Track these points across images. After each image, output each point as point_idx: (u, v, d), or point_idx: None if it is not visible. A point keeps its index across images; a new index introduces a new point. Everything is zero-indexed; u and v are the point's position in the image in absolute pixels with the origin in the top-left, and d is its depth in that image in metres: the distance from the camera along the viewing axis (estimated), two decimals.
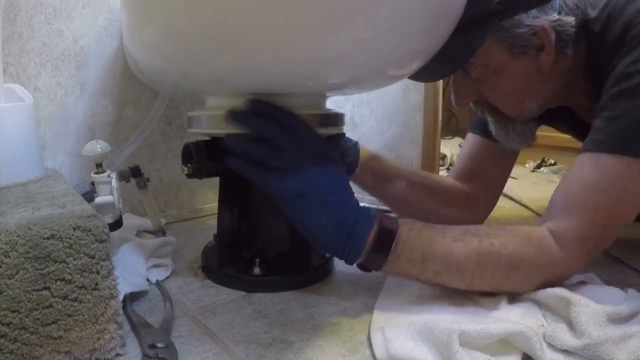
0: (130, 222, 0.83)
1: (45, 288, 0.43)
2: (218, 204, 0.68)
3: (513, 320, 0.48)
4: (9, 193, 0.57)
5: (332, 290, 0.64)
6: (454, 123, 2.10)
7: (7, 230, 0.42)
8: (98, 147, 0.65)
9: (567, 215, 0.54)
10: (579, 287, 0.55)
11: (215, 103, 0.64)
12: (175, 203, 1.01)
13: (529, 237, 0.54)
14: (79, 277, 0.44)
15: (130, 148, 0.77)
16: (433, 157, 1.01)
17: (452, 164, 1.58)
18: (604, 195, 0.53)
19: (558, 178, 1.54)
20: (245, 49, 0.48)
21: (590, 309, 0.47)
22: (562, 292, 0.52)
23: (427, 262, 0.54)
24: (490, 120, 0.72)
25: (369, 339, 0.50)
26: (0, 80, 0.64)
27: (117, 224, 0.65)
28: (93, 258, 0.45)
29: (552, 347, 0.47)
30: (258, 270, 0.65)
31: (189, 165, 0.64)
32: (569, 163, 0.56)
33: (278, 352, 0.49)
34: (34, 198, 0.54)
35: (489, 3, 0.57)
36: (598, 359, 0.44)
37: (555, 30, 0.59)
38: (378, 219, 0.54)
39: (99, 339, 0.45)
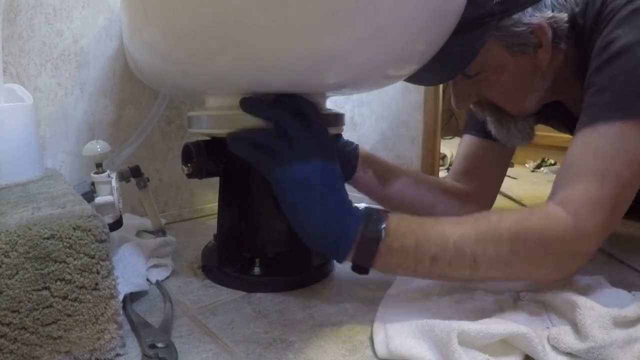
0: (130, 222, 0.83)
1: (45, 288, 0.43)
2: (218, 204, 0.68)
3: (517, 322, 0.48)
4: (9, 193, 0.57)
5: (332, 290, 0.64)
6: (454, 123, 2.10)
7: (7, 230, 0.42)
8: (98, 147, 0.65)
9: (572, 184, 0.51)
10: (586, 289, 0.55)
11: (215, 103, 0.64)
12: (175, 203, 1.01)
13: (530, 210, 0.51)
14: (79, 277, 0.44)
15: (130, 148, 0.77)
16: (433, 157, 1.01)
17: (452, 164, 1.58)
18: (606, 158, 0.50)
19: None
20: (245, 49, 0.48)
21: (596, 312, 0.47)
22: (568, 294, 0.51)
23: (421, 247, 0.51)
24: (490, 120, 0.72)
25: (370, 339, 0.51)
26: (1, 80, 0.64)
27: (117, 224, 0.65)
28: (93, 258, 0.45)
29: (555, 349, 0.46)
30: (258, 270, 0.65)
31: (189, 165, 0.64)
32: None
33: (278, 352, 0.49)
34: (34, 198, 0.54)
35: (488, 3, 0.58)
36: None
37: (552, 27, 0.60)
38: (366, 212, 0.54)
39: (99, 339, 0.45)
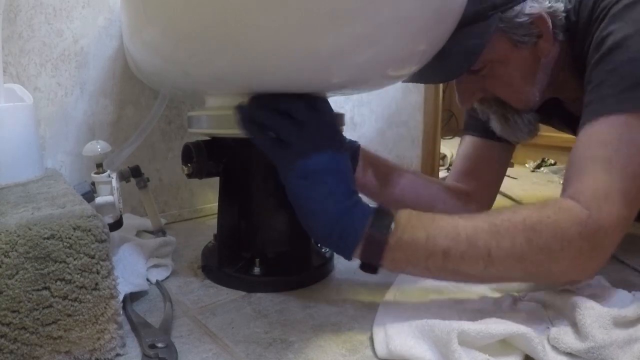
0: (130, 222, 0.83)
1: (45, 288, 0.43)
2: (218, 204, 0.68)
3: (517, 322, 0.48)
4: (9, 193, 0.57)
5: (332, 290, 0.64)
6: (454, 123, 2.10)
7: (7, 230, 0.42)
8: (98, 147, 0.65)
9: (580, 177, 0.50)
10: (586, 289, 0.55)
11: (215, 103, 0.64)
12: (175, 203, 1.01)
13: (544, 203, 0.50)
14: (79, 277, 0.44)
15: (130, 148, 0.77)
16: (433, 157, 1.01)
17: (452, 164, 1.58)
18: (611, 149, 0.50)
19: (558, 178, 1.54)
20: (245, 49, 0.48)
21: (596, 312, 0.47)
22: (567, 294, 0.51)
23: (432, 240, 0.49)
24: (495, 118, 0.72)
25: (370, 339, 0.50)
26: (1, 80, 0.64)
27: (117, 224, 0.65)
28: (93, 258, 0.45)
29: (555, 349, 0.46)
30: (258, 270, 0.65)
31: (189, 165, 0.64)
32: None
33: (278, 352, 0.49)
34: (34, 198, 0.54)
35: None
36: None
37: (550, 17, 0.61)
38: (376, 207, 0.53)
39: (99, 339, 0.45)
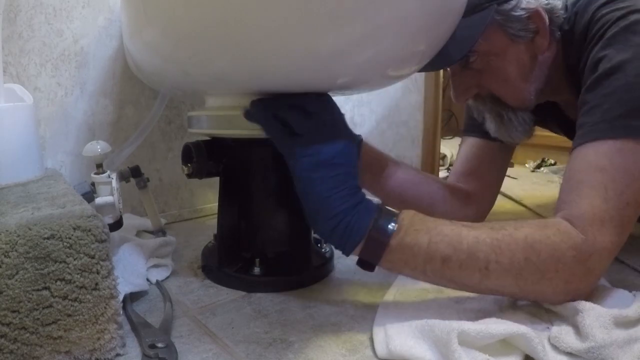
0: (130, 222, 0.83)
1: (45, 288, 0.43)
2: (218, 204, 0.68)
3: (517, 322, 0.47)
4: (9, 193, 0.57)
5: (332, 290, 0.64)
6: (454, 123, 2.10)
7: (7, 230, 0.42)
8: (98, 147, 0.65)
9: (576, 200, 0.51)
10: None
11: (215, 103, 0.64)
12: (175, 203, 1.01)
13: (544, 223, 0.51)
14: (79, 277, 0.44)
15: (130, 148, 0.77)
16: (433, 157, 1.01)
17: (452, 164, 1.58)
18: (607, 175, 0.50)
19: (558, 178, 1.54)
20: (246, 49, 0.48)
21: (596, 312, 0.47)
22: None
23: (434, 245, 0.49)
24: (490, 117, 0.72)
25: (370, 339, 0.50)
26: (1, 80, 0.64)
27: (117, 225, 0.65)
28: (93, 258, 0.45)
29: (556, 349, 0.46)
30: (258, 270, 0.65)
31: (189, 165, 0.64)
32: (567, 161, 0.55)
33: (278, 352, 0.49)
34: (34, 198, 0.54)
35: None
36: None
37: (547, 14, 0.62)
38: (378, 204, 0.54)
39: (99, 339, 0.45)
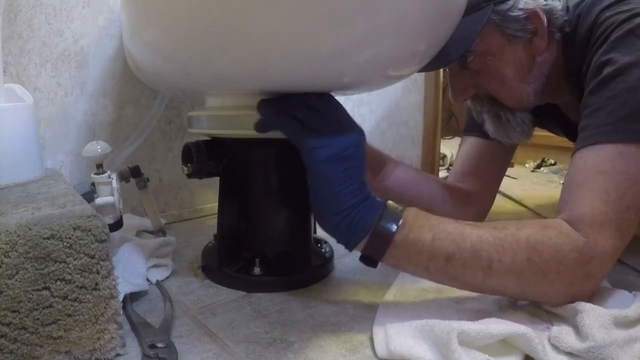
0: (130, 222, 0.83)
1: (45, 288, 0.43)
2: (218, 204, 0.68)
3: (517, 322, 0.47)
4: (9, 193, 0.57)
5: (332, 290, 0.64)
6: (454, 123, 2.10)
7: (7, 230, 0.42)
8: (98, 147, 0.65)
9: (578, 202, 0.51)
10: None
11: (215, 103, 0.64)
12: (175, 203, 1.01)
13: (545, 224, 0.51)
14: (79, 277, 0.44)
15: (130, 148, 0.77)
16: (433, 157, 1.01)
17: (452, 164, 1.58)
18: (610, 178, 0.50)
19: (558, 178, 1.54)
20: (246, 49, 0.48)
21: (596, 312, 0.47)
22: None
23: (438, 243, 0.49)
24: (488, 118, 0.72)
25: (370, 339, 0.50)
26: (1, 80, 0.64)
27: (117, 225, 0.65)
28: (93, 258, 0.45)
29: (556, 349, 0.46)
30: (258, 270, 0.65)
31: (189, 165, 0.64)
32: (569, 163, 0.56)
33: (278, 352, 0.49)
34: (34, 198, 0.54)
35: None
36: None
37: (546, 15, 0.62)
38: (384, 202, 0.54)
39: (99, 339, 0.45)
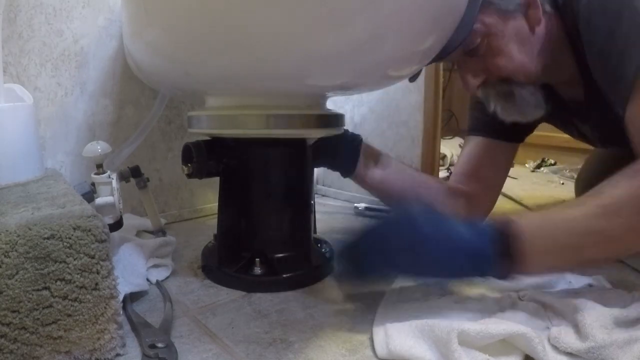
0: (130, 222, 0.83)
1: (45, 288, 0.43)
2: (218, 204, 0.68)
3: (517, 322, 0.47)
4: (9, 193, 0.57)
5: (332, 290, 0.64)
6: (454, 123, 2.10)
7: (7, 230, 0.42)
8: (98, 148, 0.65)
9: None
10: (587, 290, 0.55)
11: (216, 103, 0.64)
12: (175, 203, 1.01)
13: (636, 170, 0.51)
14: (79, 277, 0.44)
15: (130, 148, 0.77)
16: (433, 157, 1.01)
17: (452, 164, 1.58)
18: None
19: (558, 178, 1.54)
20: (246, 49, 0.48)
21: (597, 312, 0.47)
22: (568, 295, 0.51)
23: (562, 239, 0.50)
24: (499, 101, 0.70)
25: (370, 339, 0.50)
26: (1, 80, 0.64)
27: (117, 225, 0.65)
28: (93, 258, 0.45)
29: (555, 349, 0.46)
30: (258, 270, 0.65)
31: (189, 165, 0.64)
32: (569, 163, 0.56)
33: (278, 352, 0.49)
34: (34, 198, 0.54)
35: None
36: None
37: None
38: (492, 226, 0.52)
39: (99, 339, 0.45)
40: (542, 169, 1.73)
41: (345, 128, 0.73)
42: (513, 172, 1.59)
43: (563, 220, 0.51)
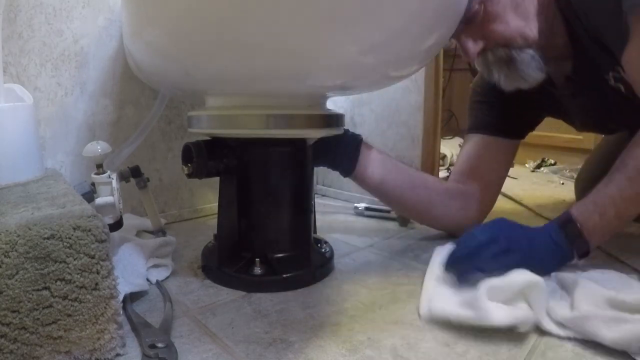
0: (130, 222, 0.83)
1: (45, 288, 0.43)
2: (218, 204, 0.68)
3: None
4: (9, 193, 0.57)
5: (332, 290, 0.64)
6: (454, 123, 2.10)
7: (7, 230, 0.42)
8: (98, 147, 0.65)
9: None
10: (598, 274, 0.59)
11: (216, 103, 0.64)
12: (175, 203, 1.01)
13: None
14: (79, 277, 0.44)
15: (130, 148, 0.77)
16: (433, 157, 1.00)
17: (452, 164, 1.58)
18: None
19: (558, 178, 1.54)
20: (246, 50, 0.48)
21: (591, 290, 0.51)
22: (575, 275, 0.57)
23: (610, 214, 0.61)
24: (499, 68, 0.71)
25: (369, 339, 0.51)
26: (1, 80, 0.64)
27: (117, 225, 0.65)
28: (93, 258, 0.45)
29: (550, 317, 0.51)
30: (258, 270, 0.65)
31: (189, 165, 0.64)
32: (569, 163, 0.58)
33: (278, 352, 0.49)
34: (34, 198, 0.54)
35: None
36: (584, 334, 0.47)
37: None
38: (555, 229, 0.62)
39: (99, 339, 0.45)
40: (542, 169, 1.73)
41: (345, 128, 0.73)
42: (513, 172, 1.59)
43: (610, 201, 0.62)
